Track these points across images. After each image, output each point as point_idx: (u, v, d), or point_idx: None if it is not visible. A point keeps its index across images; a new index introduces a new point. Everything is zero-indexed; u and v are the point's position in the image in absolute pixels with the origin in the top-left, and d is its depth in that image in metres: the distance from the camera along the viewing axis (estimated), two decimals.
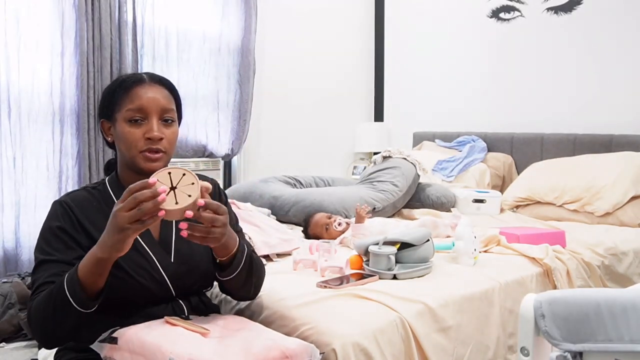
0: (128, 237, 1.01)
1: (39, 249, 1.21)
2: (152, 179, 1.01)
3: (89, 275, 1.07)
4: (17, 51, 2.72)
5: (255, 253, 1.40)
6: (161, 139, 1.23)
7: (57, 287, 1.09)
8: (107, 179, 1.34)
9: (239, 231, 1.43)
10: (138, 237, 1.24)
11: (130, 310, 1.21)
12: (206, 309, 1.35)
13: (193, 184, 1.04)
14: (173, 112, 1.28)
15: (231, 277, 1.25)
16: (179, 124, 1.33)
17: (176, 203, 1.01)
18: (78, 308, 1.07)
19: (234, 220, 1.43)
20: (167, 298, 1.28)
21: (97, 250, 1.06)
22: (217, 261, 1.25)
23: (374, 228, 2.17)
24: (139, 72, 1.38)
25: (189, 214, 1.02)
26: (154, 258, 1.26)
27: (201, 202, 1.04)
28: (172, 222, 1.30)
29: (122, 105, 1.24)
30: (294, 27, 4.05)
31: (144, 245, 1.26)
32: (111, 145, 1.33)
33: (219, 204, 1.09)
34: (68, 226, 1.21)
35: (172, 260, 1.27)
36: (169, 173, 1.04)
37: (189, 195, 1.02)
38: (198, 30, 3.45)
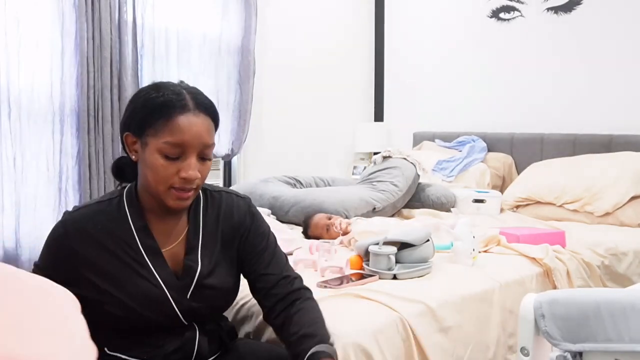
0: None
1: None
2: None
3: None
4: (17, 51, 2.72)
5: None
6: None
7: None
8: (125, 193, 1.21)
9: (277, 253, 1.30)
10: (153, 270, 1.16)
11: (133, 338, 1.16)
12: (221, 332, 1.27)
13: None
14: (212, 147, 1.15)
15: None
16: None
17: None
18: None
19: (272, 244, 1.30)
20: (176, 327, 1.20)
21: None
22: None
23: (370, 227, 2.17)
24: (178, 82, 1.18)
25: None
26: (168, 294, 1.16)
27: None
28: (197, 255, 1.20)
29: (159, 132, 1.09)
30: (294, 27, 4.05)
31: (158, 278, 1.16)
32: (132, 161, 1.18)
33: None
34: (57, 261, 1.16)
35: (188, 297, 1.18)
36: None
37: None
38: (198, 31, 3.45)
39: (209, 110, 1.15)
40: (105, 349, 1.17)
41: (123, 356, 1.16)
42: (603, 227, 2.63)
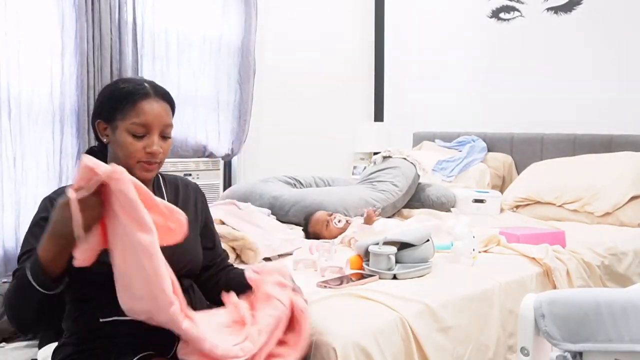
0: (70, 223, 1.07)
1: (23, 242, 1.25)
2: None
3: (47, 253, 1.10)
4: (17, 51, 2.72)
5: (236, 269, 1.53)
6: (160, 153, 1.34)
7: (22, 270, 1.14)
8: None
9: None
10: None
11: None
12: (194, 294, 1.42)
13: None
14: (171, 127, 1.37)
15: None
16: None
17: None
18: (39, 288, 1.10)
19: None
20: None
21: (49, 227, 1.11)
22: None
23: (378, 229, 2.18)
24: (139, 77, 1.44)
25: None
26: None
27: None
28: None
29: (126, 116, 1.30)
30: (294, 27, 4.05)
31: None
32: (103, 144, 1.38)
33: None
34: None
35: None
36: None
37: None
38: (198, 31, 3.45)
39: (166, 97, 1.37)
40: (100, 319, 1.24)
41: (118, 318, 1.23)
42: (603, 227, 2.63)
